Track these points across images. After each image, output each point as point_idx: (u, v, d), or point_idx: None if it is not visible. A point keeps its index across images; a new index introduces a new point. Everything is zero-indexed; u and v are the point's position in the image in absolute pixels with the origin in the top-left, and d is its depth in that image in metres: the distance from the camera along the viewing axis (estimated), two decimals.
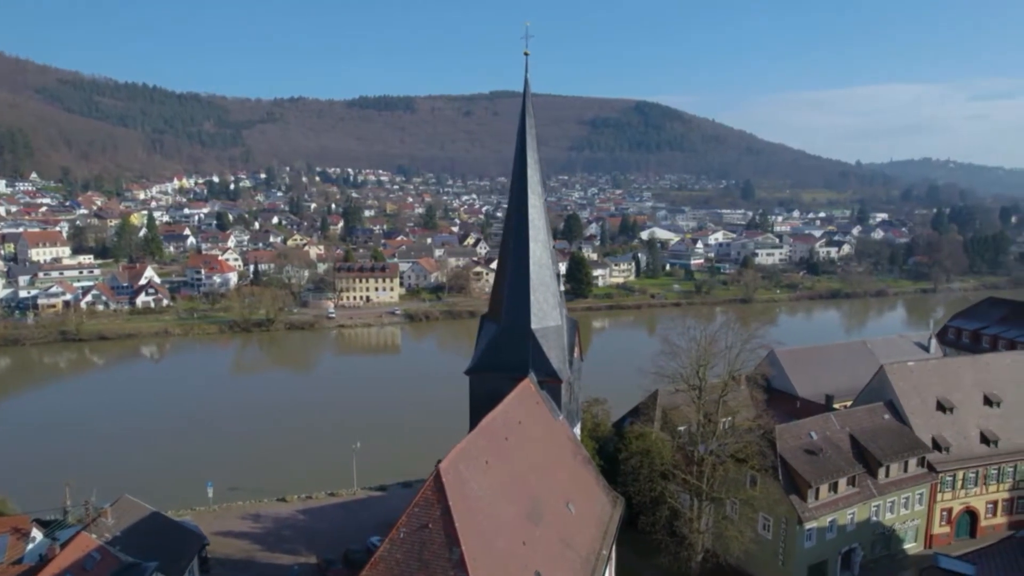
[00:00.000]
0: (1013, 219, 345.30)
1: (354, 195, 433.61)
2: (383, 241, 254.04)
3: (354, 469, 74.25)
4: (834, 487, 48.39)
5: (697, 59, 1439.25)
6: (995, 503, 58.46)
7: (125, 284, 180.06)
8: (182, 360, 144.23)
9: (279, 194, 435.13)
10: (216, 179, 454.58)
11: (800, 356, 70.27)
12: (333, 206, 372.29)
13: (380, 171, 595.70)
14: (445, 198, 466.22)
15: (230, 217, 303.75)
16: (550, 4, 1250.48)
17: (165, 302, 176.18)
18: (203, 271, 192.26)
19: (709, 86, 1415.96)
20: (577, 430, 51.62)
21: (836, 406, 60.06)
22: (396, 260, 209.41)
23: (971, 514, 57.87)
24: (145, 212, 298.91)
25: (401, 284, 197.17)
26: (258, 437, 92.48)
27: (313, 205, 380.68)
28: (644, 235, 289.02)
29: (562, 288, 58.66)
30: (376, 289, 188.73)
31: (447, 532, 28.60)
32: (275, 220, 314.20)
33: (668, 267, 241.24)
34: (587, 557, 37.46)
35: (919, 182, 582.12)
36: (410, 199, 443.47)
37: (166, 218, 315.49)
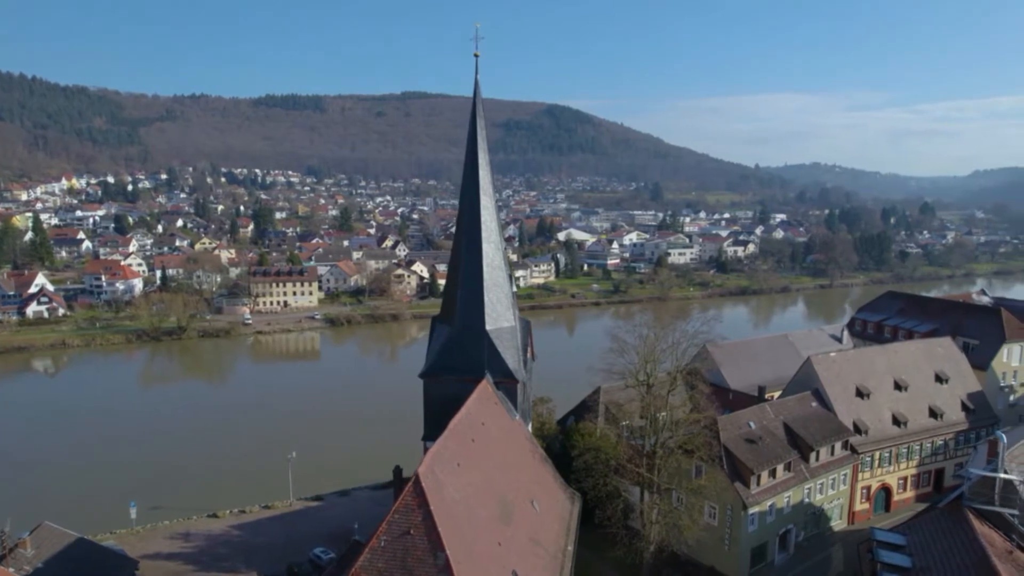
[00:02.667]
0: (892, 220, 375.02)
1: (263, 197, 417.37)
2: (298, 244, 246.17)
3: (290, 479, 71.79)
4: (773, 473, 51.20)
5: (606, 65, 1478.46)
6: (905, 479, 63.71)
7: (12, 293, 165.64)
8: (85, 374, 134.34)
9: (183, 196, 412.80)
10: (111, 179, 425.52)
11: (729, 350, 73.80)
12: (242, 208, 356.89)
13: (289, 172, 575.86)
14: (359, 200, 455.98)
15: (130, 220, 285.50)
16: (463, 7, 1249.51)
17: (61, 311, 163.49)
18: (104, 277, 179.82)
19: (618, 91, 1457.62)
20: (529, 429, 52.14)
21: (768, 396, 63.48)
22: (313, 263, 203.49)
23: (886, 490, 62.74)
24: (30, 214, 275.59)
25: (320, 288, 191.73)
26: (181, 451, 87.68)
27: (220, 207, 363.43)
28: (561, 236, 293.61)
29: (515, 289, 58.97)
30: (294, 293, 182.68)
31: (430, 537, 28.39)
32: (180, 223, 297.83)
33: (586, 267, 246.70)
34: (555, 554, 38.01)
35: (811, 185, 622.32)
36: (322, 201, 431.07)
37: (55, 220, 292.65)
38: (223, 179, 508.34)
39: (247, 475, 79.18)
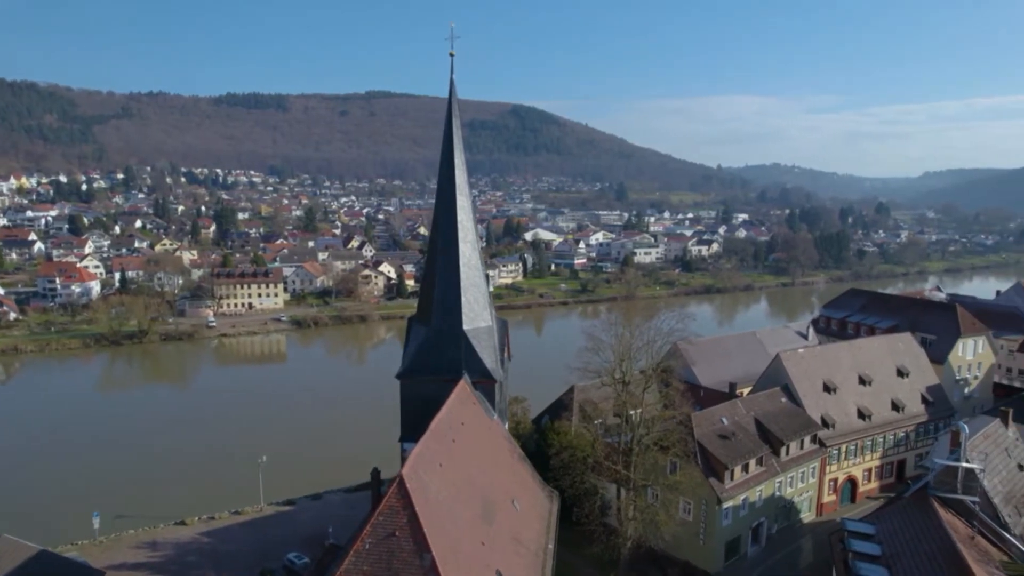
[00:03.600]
0: (850, 219, 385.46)
1: (225, 197, 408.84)
2: (262, 245, 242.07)
3: (261, 484, 70.63)
4: (745, 468, 52.19)
5: (571, 67, 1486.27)
6: (870, 470, 65.65)
7: None
8: (40, 380, 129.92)
9: (140, 196, 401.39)
10: (64, 179, 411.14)
11: (700, 348, 74.94)
12: (203, 208, 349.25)
13: (252, 172, 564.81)
14: (323, 200, 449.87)
15: (85, 220, 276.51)
16: (430, 6, 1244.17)
17: (13, 315, 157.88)
18: (58, 280, 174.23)
19: (582, 92, 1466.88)
20: (505, 428, 52.21)
21: (739, 392, 64.67)
22: (278, 264, 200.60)
23: (852, 482, 64.54)
24: None
25: (285, 289, 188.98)
26: (146, 458, 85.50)
27: (181, 208, 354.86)
28: (528, 236, 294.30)
29: (490, 288, 59.10)
30: (259, 295, 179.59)
31: (416, 539, 28.22)
32: (139, 224, 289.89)
33: (553, 267, 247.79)
34: (536, 552, 38.15)
35: (772, 185, 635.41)
36: (286, 201, 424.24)
37: (4, 221, 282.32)
38: (183, 179, 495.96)
39: (216, 481, 77.68)
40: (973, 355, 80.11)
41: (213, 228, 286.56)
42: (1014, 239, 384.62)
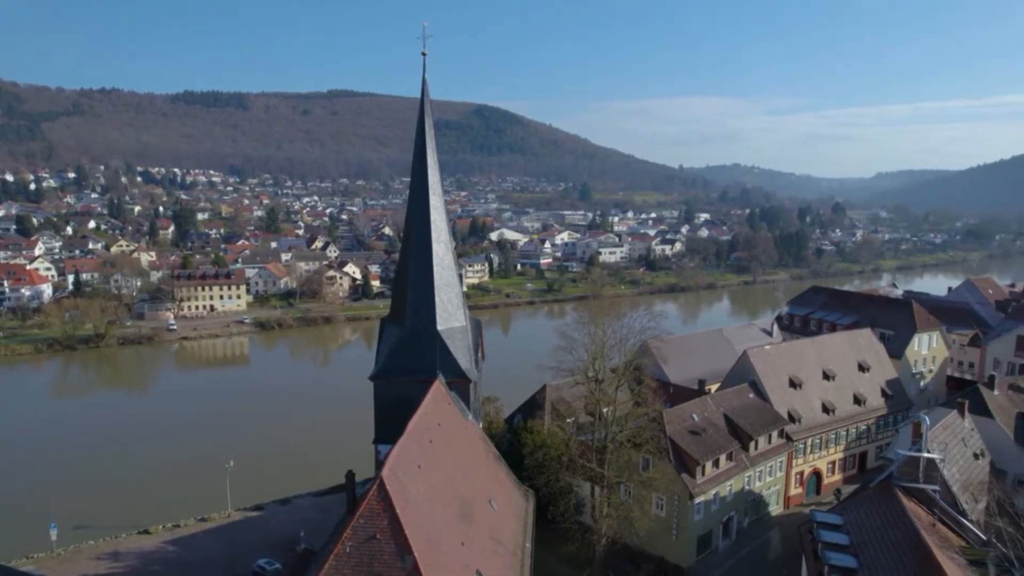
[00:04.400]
0: (808, 219, 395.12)
1: (183, 197, 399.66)
2: (223, 246, 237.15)
3: (228, 489, 69.08)
4: (716, 463, 53.06)
5: (535, 67, 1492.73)
6: (834, 463, 67.42)
7: None
8: None
9: (94, 196, 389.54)
10: (11, 177, 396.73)
11: (669, 345, 75.85)
12: (161, 209, 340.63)
13: (211, 171, 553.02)
14: (285, 200, 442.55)
15: (35, 221, 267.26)
16: (392, 7, 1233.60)
17: None
18: (7, 283, 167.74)
19: (545, 92, 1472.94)
20: (480, 428, 52.15)
21: (707, 389, 65.68)
22: (240, 266, 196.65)
23: (817, 475, 66.13)
24: None
25: (248, 291, 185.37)
26: (106, 466, 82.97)
27: (137, 208, 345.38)
28: (494, 236, 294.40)
29: (464, 288, 58.96)
30: (221, 297, 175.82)
31: (397, 540, 28.00)
32: (92, 224, 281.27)
33: (519, 267, 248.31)
34: (514, 551, 38.19)
35: (732, 185, 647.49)
36: (247, 201, 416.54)
37: None
38: (139, 178, 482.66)
39: (181, 487, 75.77)
40: (928, 349, 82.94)
41: (172, 229, 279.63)
42: (960, 238, 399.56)
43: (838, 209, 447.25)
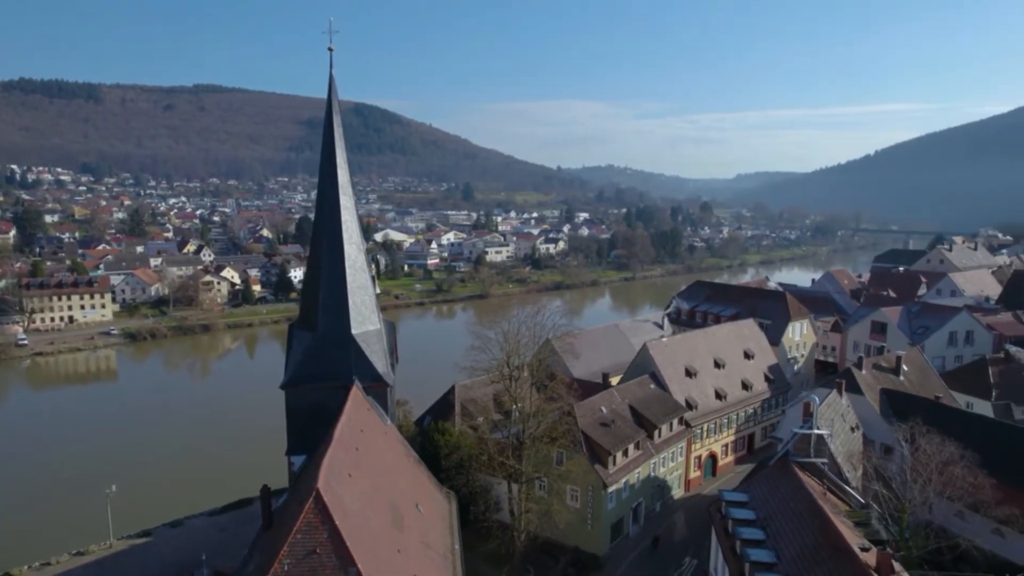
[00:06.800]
0: (680, 217, 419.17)
1: (26, 197, 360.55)
2: (80, 251, 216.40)
3: (109, 517, 63.28)
4: (625, 452, 55.18)
5: (414, 67, 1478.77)
6: (727, 445, 72.06)
7: None
8: None
9: None
10: None
11: (569, 341, 77.73)
12: None
13: (59, 169, 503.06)
14: (149, 201, 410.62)
15: None
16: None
17: None
18: None
19: (425, 92, 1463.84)
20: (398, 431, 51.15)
21: (610, 382, 68.11)
22: (103, 272, 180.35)
23: (713, 457, 70.41)
24: None
25: (114, 300, 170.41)
26: None
27: None
28: (379, 237, 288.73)
29: (377, 291, 57.18)
30: (82, 307, 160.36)
31: (338, 553, 27.04)
32: None
33: (406, 267, 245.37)
34: (444, 554, 37.89)
35: (608, 185, 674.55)
36: (104, 202, 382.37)
37: None
38: None
39: (50, 519, 68.61)
40: (800, 336, 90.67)
41: (13, 232, 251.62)
42: (811, 234, 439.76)
43: (706, 208, 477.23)
